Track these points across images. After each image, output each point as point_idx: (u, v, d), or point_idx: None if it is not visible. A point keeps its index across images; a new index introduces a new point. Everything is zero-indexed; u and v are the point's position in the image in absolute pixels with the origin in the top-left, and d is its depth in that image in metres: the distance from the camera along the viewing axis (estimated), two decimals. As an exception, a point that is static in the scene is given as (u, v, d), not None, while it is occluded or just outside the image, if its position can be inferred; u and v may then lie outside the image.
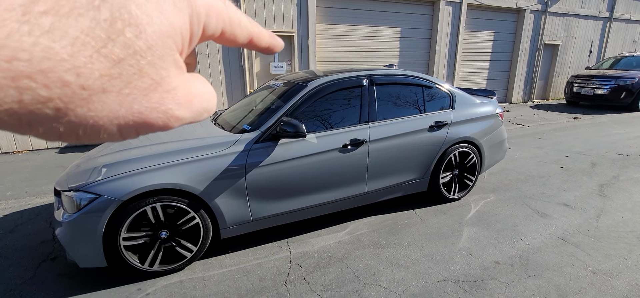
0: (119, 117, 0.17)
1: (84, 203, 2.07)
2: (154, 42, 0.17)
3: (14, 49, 0.13)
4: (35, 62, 0.14)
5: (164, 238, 2.30)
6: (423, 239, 2.76)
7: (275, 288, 2.20)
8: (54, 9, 0.14)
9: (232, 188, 2.40)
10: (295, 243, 2.73)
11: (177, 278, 2.31)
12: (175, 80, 0.19)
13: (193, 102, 0.21)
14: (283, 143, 2.55)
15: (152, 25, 0.17)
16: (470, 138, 3.33)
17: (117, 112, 0.17)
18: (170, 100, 0.19)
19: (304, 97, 2.72)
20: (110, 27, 0.16)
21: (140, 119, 0.18)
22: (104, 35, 0.15)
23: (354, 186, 2.88)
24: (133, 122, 0.18)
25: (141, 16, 0.16)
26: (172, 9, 0.18)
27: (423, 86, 3.24)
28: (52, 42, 0.14)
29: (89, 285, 2.25)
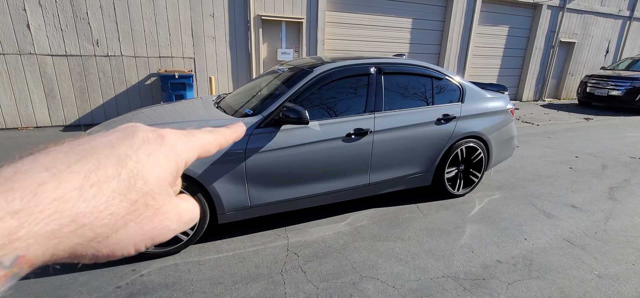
0: (135, 238, 0.24)
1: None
2: (154, 185, 0.25)
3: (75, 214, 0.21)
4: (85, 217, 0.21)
5: (161, 220, 2.27)
6: (424, 234, 2.70)
7: (271, 276, 2.16)
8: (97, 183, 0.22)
9: (230, 173, 2.35)
10: (294, 232, 2.69)
11: (172, 261, 2.29)
12: (168, 205, 0.26)
13: (182, 216, 0.28)
14: (285, 129, 2.49)
15: (152, 174, 0.25)
16: (478, 133, 3.22)
17: (134, 235, 0.24)
18: (166, 219, 0.26)
19: (309, 82, 2.64)
20: (128, 182, 0.24)
21: (148, 236, 0.25)
22: (124, 188, 0.23)
23: (356, 177, 2.81)
24: (142, 239, 0.25)
25: (145, 171, 0.25)
26: (163, 161, 0.26)
27: (433, 77, 3.13)
28: (95, 202, 0.22)
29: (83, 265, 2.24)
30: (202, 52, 6.43)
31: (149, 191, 0.24)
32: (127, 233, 0.23)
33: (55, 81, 5.53)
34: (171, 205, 0.27)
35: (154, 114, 2.85)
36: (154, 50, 6.05)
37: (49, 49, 5.38)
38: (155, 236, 0.26)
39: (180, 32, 6.16)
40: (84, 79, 5.71)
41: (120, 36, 5.76)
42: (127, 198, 0.23)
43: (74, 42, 5.50)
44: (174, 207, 0.27)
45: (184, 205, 0.29)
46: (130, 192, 0.23)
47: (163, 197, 0.26)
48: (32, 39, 5.25)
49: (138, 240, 0.25)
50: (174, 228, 0.27)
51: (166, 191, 0.26)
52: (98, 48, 5.67)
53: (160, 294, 1.99)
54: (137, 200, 0.24)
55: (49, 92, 5.53)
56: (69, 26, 5.42)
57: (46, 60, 5.41)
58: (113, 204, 0.22)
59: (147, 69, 6.09)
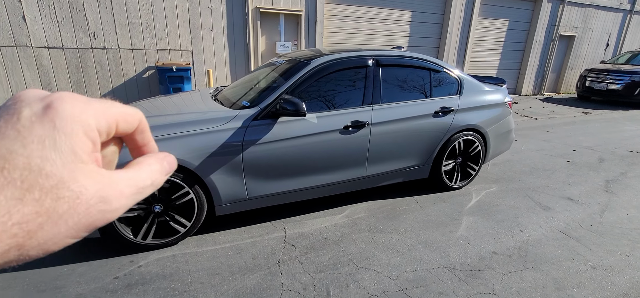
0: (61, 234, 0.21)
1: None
2: (61, 174, 0.21)
3: None
4: None
5: (158, 212, 2.28)
6: (421, 226, 2.72)
7: (268, 267, 2.18)
8: None
9: (228, 165, 2.35)
10: (291, 223, 2.70)
11: (170, 253, 2.31)
12: (93, 187, 0.22)
13: (123, 191, 0.24)
14: (282, 121, 2.48)
15: (53, 164, 0.21)
16: (476, 126, 3.22)
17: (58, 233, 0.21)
18: (96, 202, 0.22)
19: (306, 74, 2.63)
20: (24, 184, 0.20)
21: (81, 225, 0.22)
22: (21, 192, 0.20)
23: (353, 169, 2.82)
24: (76, 231, 0.22)
25: (42, 163, 0.20)
26: (64, 141, 0.21)
27: (431, 70, 3.12)
28: None
29: (81, 255, 2.25)
30: (199, 45, 6.39)
31: (55, 183, 0.20)
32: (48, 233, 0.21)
33: (52, 74, 5.50)
34: (98, 185, 0.22)
35: (151, 106, 2.84)
36: (151, 43, 6.01)
37: (45, 41, 5.34)
38: (90, 223, 0.22)
39: (177, 24, 6.12)
40: (81, 71, 5.67)
41: (117, 28, 5.72)
42: (30, 201, 0.20)
43: (71, 34, 5.45)
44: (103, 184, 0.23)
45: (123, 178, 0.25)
46: (31, 193, 0.20)
47: (81, 181, 0.21)
48: (28, 31, 5.20)
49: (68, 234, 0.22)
50: (115, 207, 0.23)
51: (83, 172, 0.22)
52: (95, 40, 5.63)
53: (158, 284, 2.00)
54: (42, 199, 0.20)
55: (46, 84, 5.50)
56: (65, 18, 5.37)
57: (43, 53, 5.37)
58: (14, 213, 0.19)
59: (144, 62, 6.06)
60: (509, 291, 2.03)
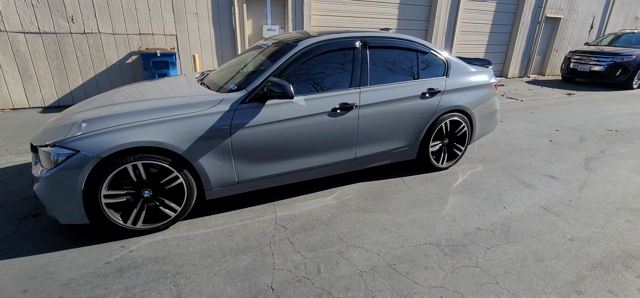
0: None
1: (62, 159, 2.01)
2: None
3: None
4: None
5: (147, 197, 2.27)
6: (408, 205, 2.79)
7: (259, 248, 2.21)
8: None
9: (216, 149, 2.35)
10: (282, 206, 2.73)
11: (160, 237, 2.31)
12: None
13: None
14: (270, 104, 2.48)
15: None
16: (462, 107, 3.28)
17: None
18: None
19: (293, 57, 2.61)
20: None
21: None
22: None
23: (342, 151, 2.85)
24: None
25: None
26: None
27: (418, 51, 3.14)
28: None
29: (72, 241, 2.24)
30: (184, 29, 6.22)
31: None
32: None
33: (30, 60, 5.28)
34: None
35: (135, 91, 2.78)
36: (133, 27, 5.82)
37: (20, 26, 5.10)
38: None
39: (160, 7, 5.92)
40: (61, 57, 5.47)
41: (97, 12, 5.50)
42: None
43: (47, 18, 5.23)
44: None
45: None
46: None
47: None
48: (1, 15, 4.96)
49: None
50: None
51: None
52: (74, 25, 5.41)
53: (150, 268, 2.01)
54: None
55: (24, 72, 5.29)
56: (40, 1, 5.13)
57: (18, 38, 5.14)
58: None
59: (127, 47, 5.88)
60: (491, 263, 2.13)
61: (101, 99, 2.67)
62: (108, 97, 2.68)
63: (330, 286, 1.91)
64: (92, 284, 1.88)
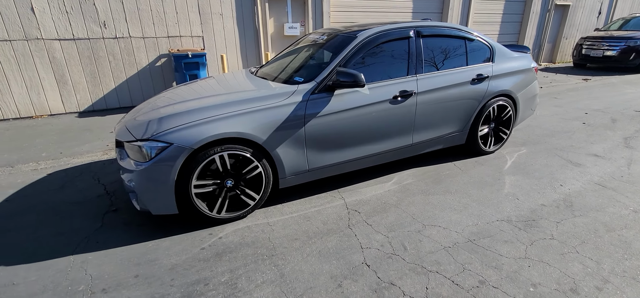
0: None
1: (155, 153, 2.11)
2: None
3: None
4: None
5: (230, 186, 2.37)
6: (469, 187, 2.88)
7: (340, 230, 2.31)
8: None
9: (292, 138, 2.45)
10: (346, 193, 2.83)
11: (243, 224, 2.41)
12: None
13: None
14: (338, 94, 2.58)
15: None
16: (508, 91, 3.38)
17: None
18: None
19: (355, 48, 2.71)
20: None
21: None
22: None
23: (401, 137, 2.95)
24: None
25: None
26: None
27: (466, 39, 3.23)
28: None
29: (159, 231, 2.34)
30: (210, 30, 6.32)
31: None
32: None
33: (65, 66, 5.39)
34: None
35: (202, 88, 2.88)
36: (162, 30, 5.92)
37: (56, 33, 5.21)
38: None
39: (187, 9, 6.02)
40: (94, 62, 5.57)
41: (127, 16, 5.60)
42: None
43: (81, 24, 5.33)
44: None
45: None
46: None
47: None
48: (38, 23, 5.06)
49: None
50: None
51: None
52: (106, 30, 5.51)
53: (244, 251, 2.12)
54: None
55: (60, 78, 5.40)
56: (74, 8, 5.23)
57: (54, 45, 5.24)
58: None
59: (156, 50, 5.98)
60: (566, 235, 2.23)
61: (166, 97, 2.76)
62: (172, 96, 2.77)
63: (421, 260, 2.01)
64: (196, 268, 1.98)
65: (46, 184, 3.07)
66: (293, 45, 3.62)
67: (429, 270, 1.94)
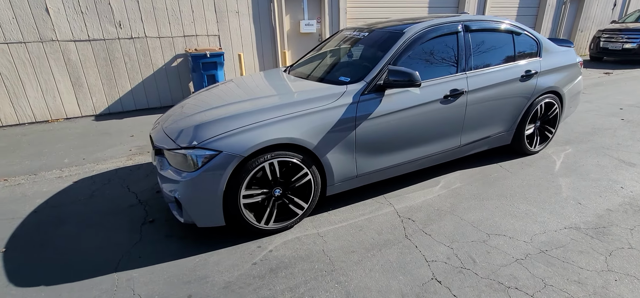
0: None
1: (204, 161, 1.96)
2: None
3: None
4: None
5: (277, 196, 2.21)
6: (523, 190, 2.72)
7: (399, 241, 2.16)
8: None
9: (342, 143, 2.29)
10: (394, 199, 2.67)
11: (291, 235, 2.26)
12: None
13: None
14: (388, 94, 2.41)
15: None
16: (555, 88, 3.20)
17: None
18: None
19: (405, 44, 2.54)
20: None
21: None
22: None
23: (450, 139, 2.78)
24: None
25: None
26: None
27: (513, 33, 3.05)
28: None
29: (204, 245, 2.19)
30: (226, 28, 6.15)
31: None
32: None
33: (80, 68, 5.24)
34: None
35: (239, 90, 2.72)
36: (178, 29, 5.76)
37: (71, 34, 5.05)
38: None
39: (203, 7, 5.85)
40: (110, 64, 5.42)
41: (143, 16, 5.44)
42: None
43: (96, 25, 5.17)
44: None
45: None
46: None
47: None
48: (53, 24, 4.91)
49: None
50: None
51: None
52: (121, 30, 5.36)
53: (300, 266, 1.96)
54: None
55: (76, 80, 5.25)
56: (89, 8, 5.08)
57: (69, 47, 5.09)
58: None
59: (172, 50, 5.82)
60: (644, 244, 2.06)
61: (202, 100, 2.60)
62: (208, 99, 2.61)
63: (495, 275, 1.85)
64: (253, 286, 1.83)
65: (74, 193, 2.93)
66: (325, 43, 3.45)
67: (508, 286, 1.78)
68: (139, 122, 5.10)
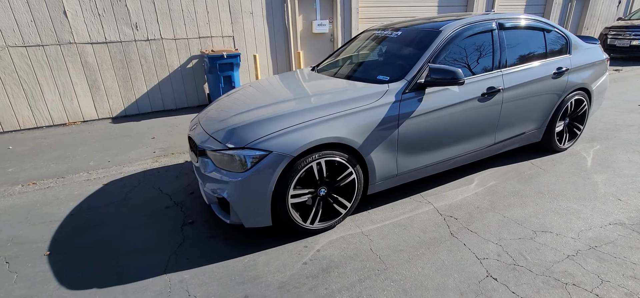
0: None
1: (253, 161, 1.95)
2: None
3: None
4: None
5: (322, 195, 2.21)
6: (560, 187, 2.72)
7: (445, 240, 2.15)
8: None
9: (385, 141, 2.29)
10: (431, 197, 2.67)
11: (336, 235, 2.26)
12: None
13: None
14: (429, 92, 2.41)
15: None
16: (585, 84, 3.20)
17: None
18: None
19: (443, 42, 2.53)
20: None
21: None
22: None
23: (485, 137, 2.78)
24: None
25: None
26: None
27: (544, 30, 3.06)
28: None
29: (249, 245, 2.18)
30: (240, 29, 6.15)
31: None
32: None
33: (97, 71, 5.23)
34: None
35: (272, 90, 2.71)
36: (193, 31, 5.75)
37: (88, 37, 5.04)
38: None
39: (218, 8, 5.85)
40: (126, 66, 5.41)
41: (159, 17, 5.43)
42: None
43: (113, 27, 5.16)
44: None
45: None
46: None
47: None
48: (70, 27, 4.90)
49: None
50: None
51: None
52: (138, 32, 5.35)
53: (351, 266, 1.96)
54: None
55: (93, 83, 5.24)
56: (106, 10, 5.07)
57: (86, 49, 5.08)
58: None
59: (188, 51, 5.81)
60: (693, 239, 2.06)
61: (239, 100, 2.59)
62: (246, 99, 2.60)
63: (549, 272, 1.85)
64: (308, 285, 1.82)
65: (107, 196, 2.92)
66: (350, 43, 3.45)
67: (564, 282, 1.77)
68: (157, 123, 5.09)
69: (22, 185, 3.18)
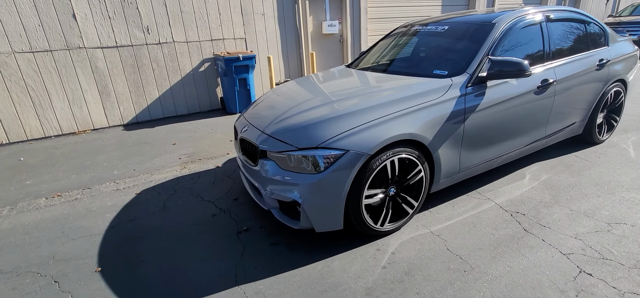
0: None
1: (328, 162, 1.84)
2: None
3: None
4: None
5: (392, 195, 2.11)
6: (614, 178, 2.70)
7: (521, 236, 2.08)
8: None
9: (452, 137, 2.21)
10: (489, 193, 2.61)
11: (406, 236, 2.16)
12: None
13: None
14: (490, 85, 2.35)
15: None
16: (622, 76, 3.22)
17: None
18: None
19: (499, 34, 2.48)
20: None
21: None
22: None
23: (538, 130, 2.75)
24: None
25: None
26: None
27: (585, 22, 3.06)
28: None
29: (317, 251, 2.06)
30: (252, 31, 6.01)
31: None
32: None
33: (108, 76, 5.00)
34: None
35: (322, 87, 2.61)
36: (205, 33, 5.59)
37: (98, 41, 4.82)
38: None
39: (229, 10, 5.70)
40: (137, 71, 5.20)
41: (170, 20, 5.25)
42: None
43: (124, 30, 4.95)
44: None
45: None
46: None
47: None
48: (80, 31, 4.67)
49: None
50: None
51: None
52: (149, 35, 5.15)
53: (434, 267, 1.86)
54: None
55: (103, 89, 5.00)
56: (116, 13, 4.86)
57: (96, 54, 4.85)
58: None
59: (200, 54, 5.64)
60: None
61: (293, 98, 2.47)
62: (300, 97, 2.48)
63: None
64: (397, 290, 1.72)
65: (144, 206, 2.74)
66: (384, 40, 3.37)
67: (660, 274, 1.73)
68: (172, 129, 4.89)
69: (46, 198, 2.97)
